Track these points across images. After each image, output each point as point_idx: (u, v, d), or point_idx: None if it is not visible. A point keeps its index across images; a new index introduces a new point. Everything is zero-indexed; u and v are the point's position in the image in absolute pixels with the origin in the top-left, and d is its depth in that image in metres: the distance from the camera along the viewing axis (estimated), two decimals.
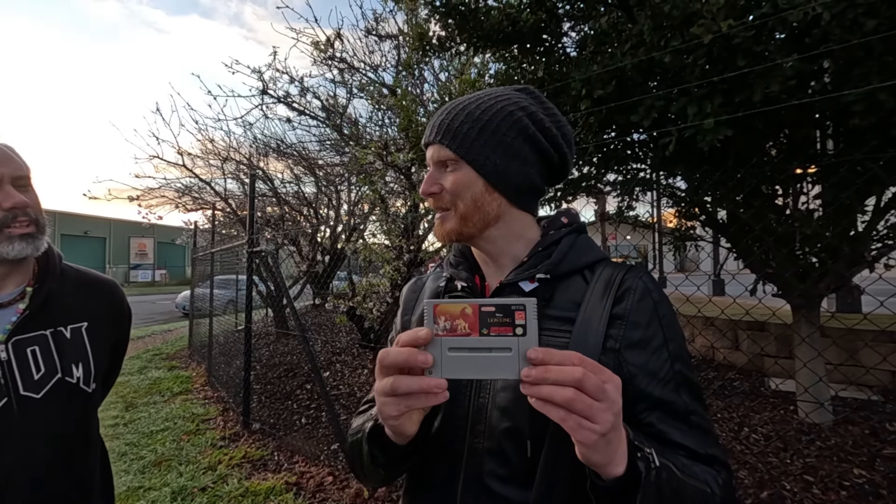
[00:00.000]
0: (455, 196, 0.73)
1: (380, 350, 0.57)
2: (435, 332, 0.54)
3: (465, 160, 0.72)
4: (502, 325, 0.53)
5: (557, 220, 0.80)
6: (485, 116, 0.72)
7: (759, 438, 3.11)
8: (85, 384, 0.97)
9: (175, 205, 8.45)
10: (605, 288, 0.71)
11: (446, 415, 0.72)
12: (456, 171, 0.73)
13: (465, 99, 0.76)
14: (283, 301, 5.10)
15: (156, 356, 7.73)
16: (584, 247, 0.77)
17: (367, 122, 5.71)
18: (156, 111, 7.18)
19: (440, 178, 0.75)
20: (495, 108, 0.73)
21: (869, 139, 2.15)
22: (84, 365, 0.97)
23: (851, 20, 1.79)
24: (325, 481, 3.03)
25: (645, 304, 0.69)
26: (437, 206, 0.77)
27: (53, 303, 0.97)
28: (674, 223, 3.93)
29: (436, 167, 0.76)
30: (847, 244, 2.79)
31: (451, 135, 0.73)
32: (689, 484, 0.58)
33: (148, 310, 16.98)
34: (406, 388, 0.53)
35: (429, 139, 0.76)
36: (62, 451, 0.93)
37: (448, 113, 0.75)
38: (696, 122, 2.07)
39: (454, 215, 0.74)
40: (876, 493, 2.38)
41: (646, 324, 0.68)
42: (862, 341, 3.85)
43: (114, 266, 33.98)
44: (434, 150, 0.75)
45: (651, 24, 2.21)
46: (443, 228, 0.76)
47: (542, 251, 0.75)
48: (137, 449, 3.72)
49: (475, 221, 0.74)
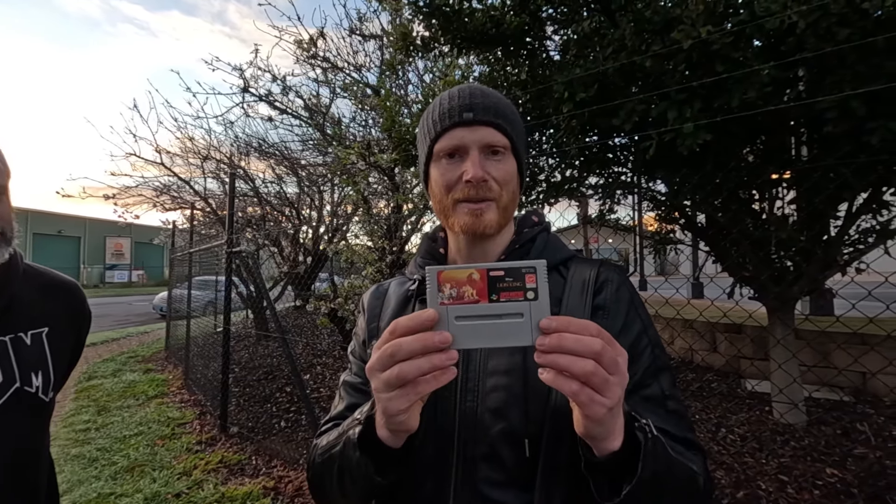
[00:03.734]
0: (504, 184, 0.69)
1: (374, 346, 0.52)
2: (440, 300, 0.50)
3: (512, 150, 0.70)
4: (512, 289, 0.49)
5: (528, 218, 0.81)
6: (511, 111, 0.71)
7: (736, 439, 3.16)
8: (43, 394, 0.91)
9: (153, 204, 8.27)
10: (583, 283, 0.71)
11: (430, 424, 0.64)
12: (505, 161, 0.69)
13: (477, 86, 0.72)
14: (264, 303, 5.02)
15: (131, 359, 7.54)
16: (556, 244, 0.78)
17: (351, 123, 5.68)
18: (133, 108, 7.03)
19: (486, 165, 0.68)
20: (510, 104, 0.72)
21: (841, 146, 2.20)
22: (43, 373, 0.91)
23: (825, 29, 1.83)
24: (303, 486, 2.97)
25: (622, 294, 0.71)
26: (479, 198, 0.69)
27: (14, 308, 0.91)
28: (654, 227, 3.98)
29: (482, 151, 0.69)
30: (820, 248, 2.86)
31: (504, 118, 0.68)
32: (678, 460, 0.57)
33: (124, 311, 16.58)
34: (417, 371, 0.48)
35: (471, 117, 0.68)
36: (14, 465, 0.85)
37: (482, 94, 0.70)
38: (676, 127, 2.10)
39: (496, 207, 0.69)
40: (847, 491, 2.44)
41: (625, 312, 0.69)
42: (834, 343, 3.95)
43: (89, 266, 33.12)
44: (485, 132, 0.68)
45: (632, 29, 2.24)
46: (482, 220, 0.69)
47: (519, 248, 0.75)
48: (109, 454, 3.61)
49: (509, 216, 0.73)
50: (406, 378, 0.48)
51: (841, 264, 2.93)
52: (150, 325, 12.22)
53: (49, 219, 31.44)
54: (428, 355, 0.48)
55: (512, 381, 0.65)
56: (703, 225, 3.53)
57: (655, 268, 13.36)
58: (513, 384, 0.65)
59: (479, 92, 0.70)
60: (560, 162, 3.12)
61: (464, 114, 0.68)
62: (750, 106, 2.01)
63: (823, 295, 5.44)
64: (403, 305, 0.78)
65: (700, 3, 2.01)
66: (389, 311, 0.79)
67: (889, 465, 2.66)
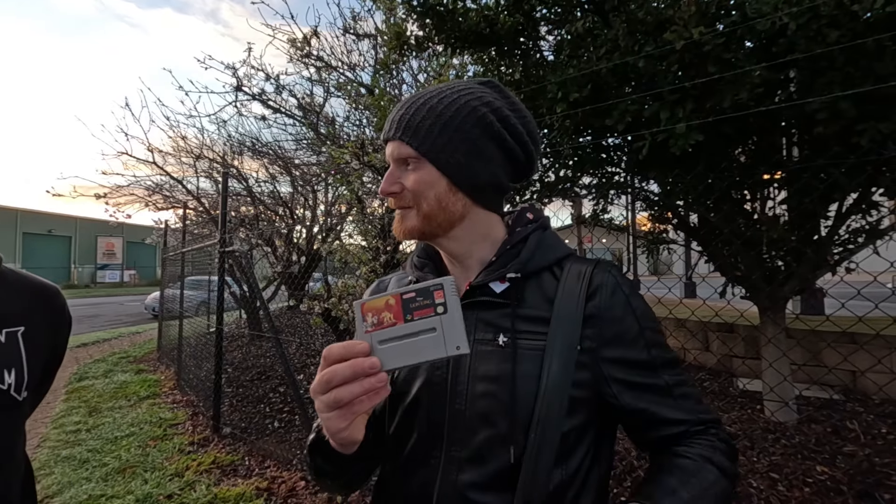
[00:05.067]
0: (417, 195, 0.71)
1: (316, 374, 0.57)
2: (365, 329, 0.55)
3: (427, 158, 0.69)
4: (424, 307, 0.54)
5: (523, 216, 0.79)
6: (448, 112, 0.69)
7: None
8: (16, 392, 0.89)
9: (145, 203, 8.20)
10: (576, 284, 0.70)
11: (421, 423, 0.70)
12: (418, 170, 0.70)
13: (427, 92, 0.72)
14: (257, 303, 4.99)
15: (122, 359, 7.47)
16: (551, 243, 0.76)
17: (345, 122, 5.66)
18: (125, 106, 6.96)
19: (401, 176, 0.72)
20: (459, 102, 0.70)
21: (832, 146, 2.22)
22: (17, 371, 0.90)
23: (816, 31, 1.85)
24: (297, 486, 2.96)
25: (617, 299, 0.70)
26: (399, 206, 0.73)
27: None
28: (647, 226, 4.00)
29: (396, 165, 0.72)
30: (811, 248, 2.89)
31: (412, 131, 0.69)
32: (708, 494, 0.62)
33: (116, 311, 16.43)
34: (350, 395, 0.53)
35: (388, 135, 0.72)
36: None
37: (408, 107, 0.71)
38: (668, 127, 2.11)
39: (416, 214, 0.72)
40: (837, 489, 2.46)
41: (620, 318, 0.69)
42: (824, 342, 3.99)
43: (80, 266, 32.77)
44: (394, 146, 0.71)
45: (625, 30, 2.25)
46: (403, 225, 0.73)
47: (511, 249, 0.74)
48: (101, 455, 3.58)
49: (440, 221, 0.72)
50: (342, 401, 0.54)
51: (831, 264, 2.96)
52: (141, 326, 12.12)
53: (39, 218, 31.06)
54: (359, 380, 0.53)
55: (499, 388, 0.66)
56: (696, 225, 3.56)
57: (648, 267, 13.40)
58: (500, 391, 0.66)
59: (407, 104, 0.71)
60: (554, 162, 3.13)
61: (387, 131, 0.72)
62: (742, 107, 2.02)
63: (814, 294, 5.49)
64: None
65: (692, 4, 2.02)
66: None
67: (878, 462, 2.69)
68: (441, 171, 0.70)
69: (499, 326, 0.70)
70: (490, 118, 0.70)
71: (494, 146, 0.72)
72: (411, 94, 0.75)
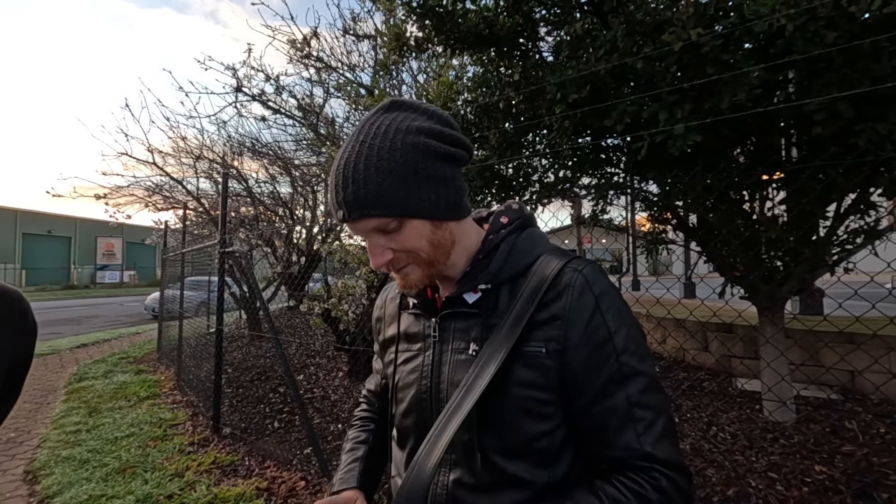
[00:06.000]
0: (413, 251, 0.69)
1: None
2: None
3: (405, 216, 0.66)
4: None
5: (497, 221, 0.78)
6: (395, 163, 0.64)
7: (727, 437, 3.19)
8: None
9: (145, 204, 8.22)
10: (536, 285, 0.70)
11: (415, 429, 0.76)
12: (403, 229, 0.68)
13: (354, 154, 0.65)
14: (257, 303, 5.00)
15: (122, 360, 7.47)
16: (525, 248, 0.75)
17: (345, 123, 5.67)
18: (125, 107, 6.98)
19: (387, 243, 0.69)
20: (395, 147, 0.65)
21: (829, 147, 2.23)
22: None
23: (813, 32, 1.86)
24: (297, 486, 2.97)
25: (585, 300, 0.67)
26: (394, 270, 0.72)
27: None
28: (647, 227, 4.01)
29: (374, 235, 0.69)
30: (809, 248, 2.89)
31: (375, 201, 0.64)
32: None
33: (115, 312, 16.43)
34: None
35: (350, 216, 0.66)
36: None
37: (352, 180, 0.65)
38: (667, 128, 2.12)
39: (417, 266, 0.71)
40: (835, 488, 2.47)
41: (587, 320, 0.66)
42: (822, 342, 4.00)
43: (80, 267, 32.77)
44: (363, 224, 0.67)
45: (624, 31, 2.26)
46: (408, 281, 0.72)
47: (482, 259, 0.74)
48: (101, 456, 3.58)
49: (439, 258, 0.72)
50: None
51: (829, 264, 2.97)
52: (141, 326, 12.11)
53: (39, 219, 31.07)
54: None
55: (465, 395, 0.68)
56: (695, 225, 3.57)
57: (647, 268, 13.39)
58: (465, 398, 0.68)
59: (347, 179, 0.65)
60: (553, 162, 3.13)
61: (339, 212, 0.67)
62: (740, 108, 2.03)
63: (813, 294, 5.50)
64: (394, 318, 0.87)
65: (690, 5, 2.04)
66: (387, 320, 0.91)
67: (876, 461, 2.70)
68: (422, 217, 0.68)
69: (471, 336, 0.72)
70: (427, 142, 0.67)
71: (446, 164, 0.70)
72: (336, 161, 0.68)
